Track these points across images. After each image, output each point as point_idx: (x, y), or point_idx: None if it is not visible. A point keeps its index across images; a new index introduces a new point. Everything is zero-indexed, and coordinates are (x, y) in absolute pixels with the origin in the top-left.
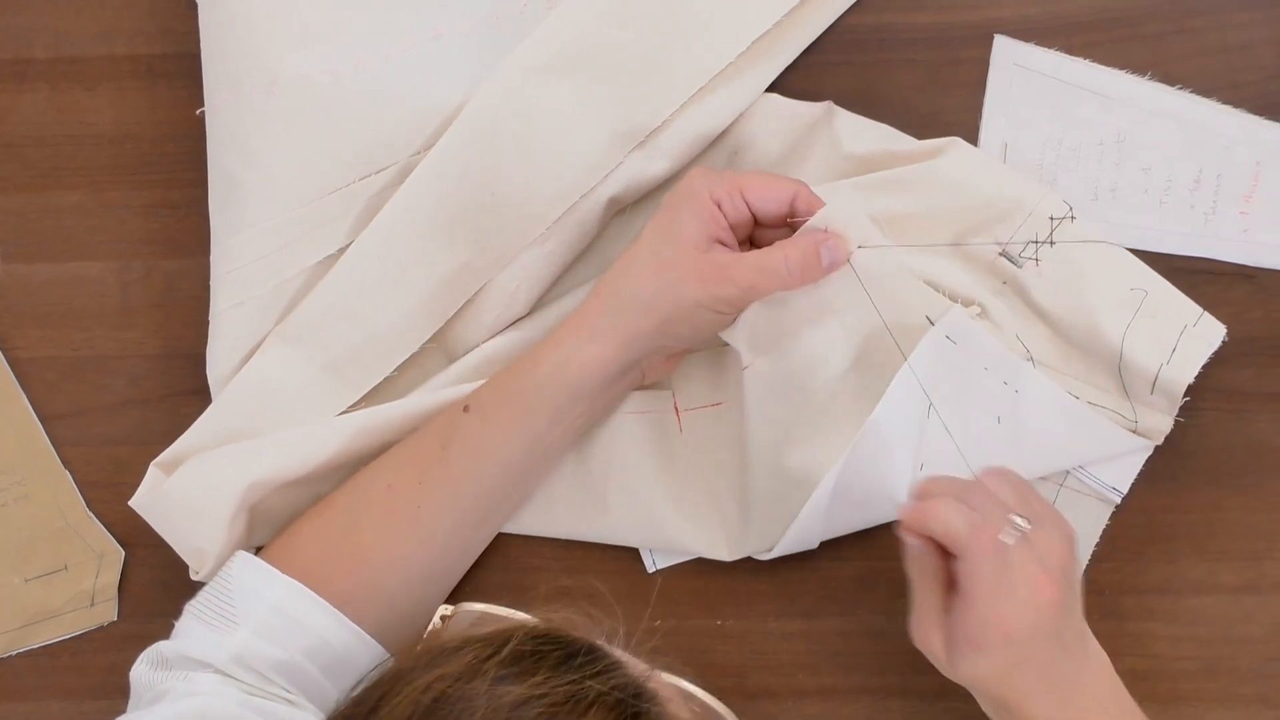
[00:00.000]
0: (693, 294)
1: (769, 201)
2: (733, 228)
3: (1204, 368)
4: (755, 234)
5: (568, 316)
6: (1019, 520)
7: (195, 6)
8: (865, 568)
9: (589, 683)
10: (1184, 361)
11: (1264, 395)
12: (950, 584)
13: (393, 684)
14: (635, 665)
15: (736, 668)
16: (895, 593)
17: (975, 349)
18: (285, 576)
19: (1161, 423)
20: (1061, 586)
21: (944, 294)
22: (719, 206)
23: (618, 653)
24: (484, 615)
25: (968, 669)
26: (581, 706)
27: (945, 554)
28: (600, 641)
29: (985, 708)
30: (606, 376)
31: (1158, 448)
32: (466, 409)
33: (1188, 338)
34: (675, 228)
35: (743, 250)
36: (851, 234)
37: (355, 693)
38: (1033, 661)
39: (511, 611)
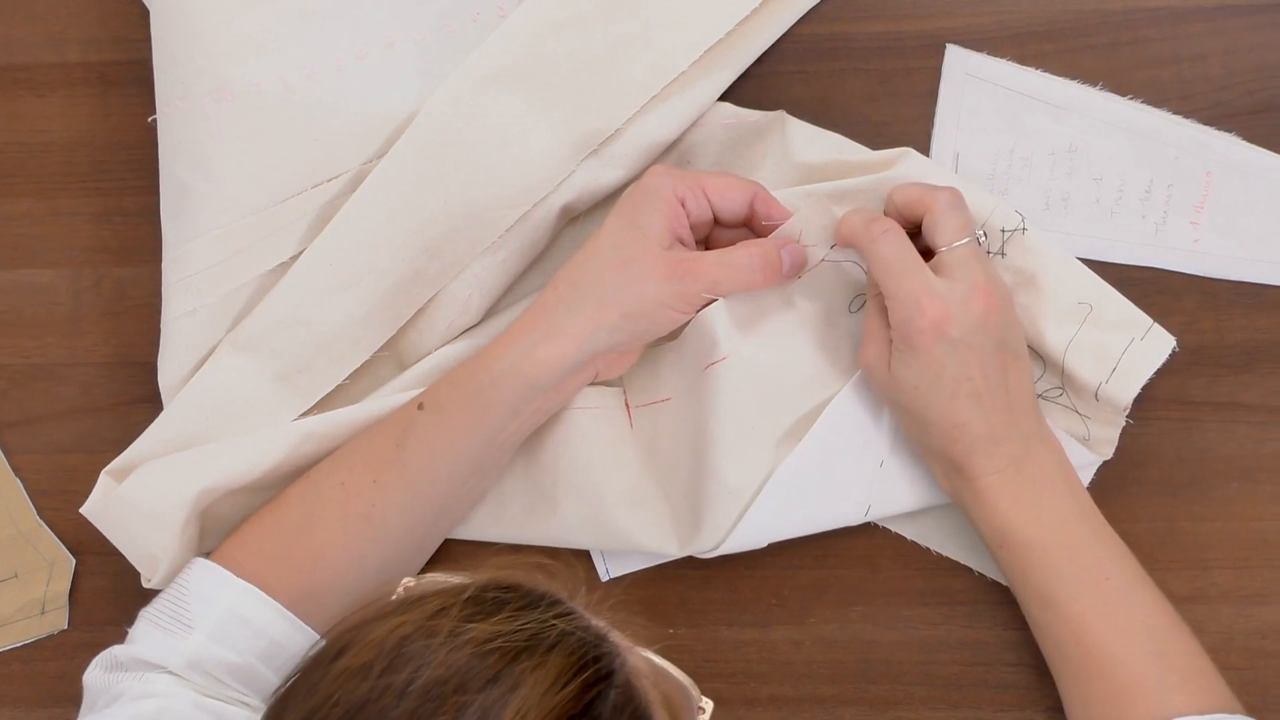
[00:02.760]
0: (654, 290)
1: (730, 201)
2: (693, 226)
3: (1155, 377)
4: (712, 236)
5: (524, 311)
6: (980, 234)
7: (148, 14)
8: (817, 576)
9: (553, 622)
10: (1128, 376)
11: (1214, 405)
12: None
13: (357, 632)
14: (596, 619)
15: (689, 676)
16: (847, 601)
17: None
18: (240, 580)
19: (1109, 433)
20: (996, 296)
21: None
22: (682, 204)
23: (579, 606)
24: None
25: (904, 371)
26: (544, 645)
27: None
28: (562, 594)
29: (941, 477)
30: (563, 371)
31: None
32: (421, 406)
33: (1135, 349)
34: (638, 223)
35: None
36: (826, 237)
37: (318, 645)
38: (976, 397)
39: (481, 576)
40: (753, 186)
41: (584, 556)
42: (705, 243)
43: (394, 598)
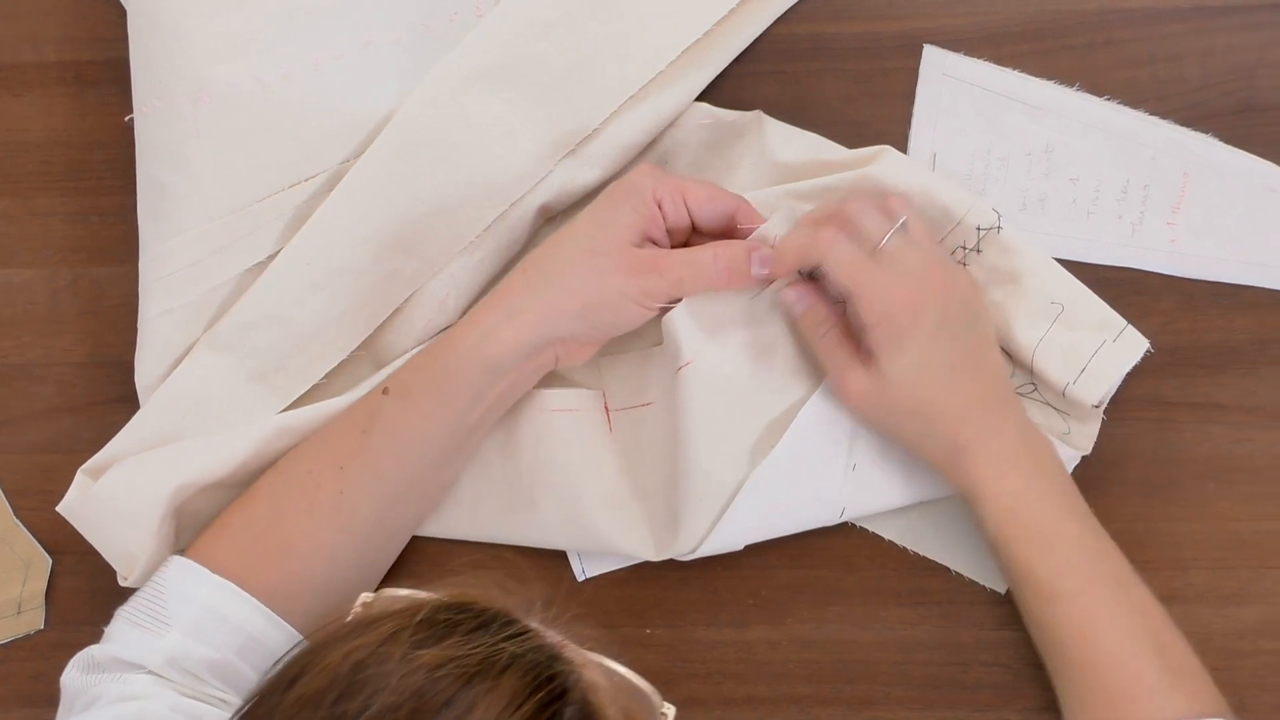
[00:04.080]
0: (618, 284)
1: (710, 210)
2: (670, 231)
3: (1132, 378)
4: (690, 242)
5: (488, 294)
6: (891, 226)
7: (125, 14)
8: (794, 576)
9: (504, 645)
10: (1098, 375)
11: (1190, 405)
12: (849, 335)
13: (311, 658)
14: (551, 634)
15: (665, 676)
16: (824, 601)
17: None
18: (216, 577)
19: (1088, 428)
20: (949, 270)
21: None
22: (660, 206)
23: (534, 623)
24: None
25: (896, 367)
26: (496, 669)
27: (832, 303)
28: (516, 612)
29: (950, 472)
30: (522, 353)
31: (1085, 457)
32: (386, 391)
33: (1106, 351)
34: (613, 218)
35: None
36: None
37: (273, 671)
38: (972, 376)
39: (435, 595)
40: (735, 200)
41: (559, 559)
42: (683, 247)
43: (349, 618)
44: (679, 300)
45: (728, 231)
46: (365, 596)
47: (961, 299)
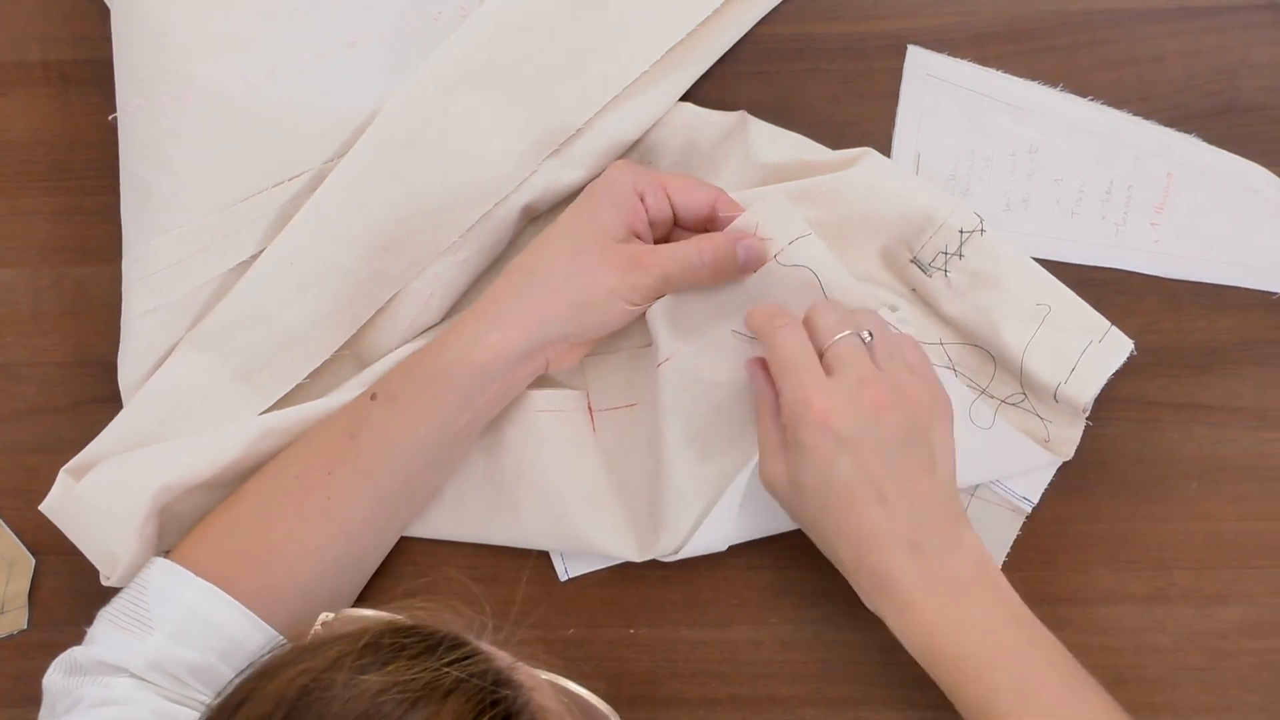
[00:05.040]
0: (605, 281)
1: (692, 201)
2: (652, 224)
3: (1115, 378)
4: (672, 236)
5: (476, 301)
6: (858, 333)
7: (109, 13)
8: (777, 576)
9: (448, 670)
10: (1085, 378)
11: (1174, 406)
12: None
13: (258, 681)
14: (500, 656)
15: (648, 676)
16: (807, 602)
17: None
18: (199, 580)
19: (1070, 434)
20: (893, 392)
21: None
22: (642, 199)
23: (483, 646)
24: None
25: (799, 473)
26: (439, 693)
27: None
28: (465, 634)
29: (863, 594)
30: (511, 359)
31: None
32: (374, 397)
33: (1092, 352)
34: (595, 215)
35: None
36: (782, 232)
37: (221, 694)
38: (881, 501)
39: (393, 616)
40: (715, 190)
41: (542, 559)
42: (665, 241)
43: (306, 640)
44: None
45: (708, 224)
46: (325, 615)
47: (909, 420)
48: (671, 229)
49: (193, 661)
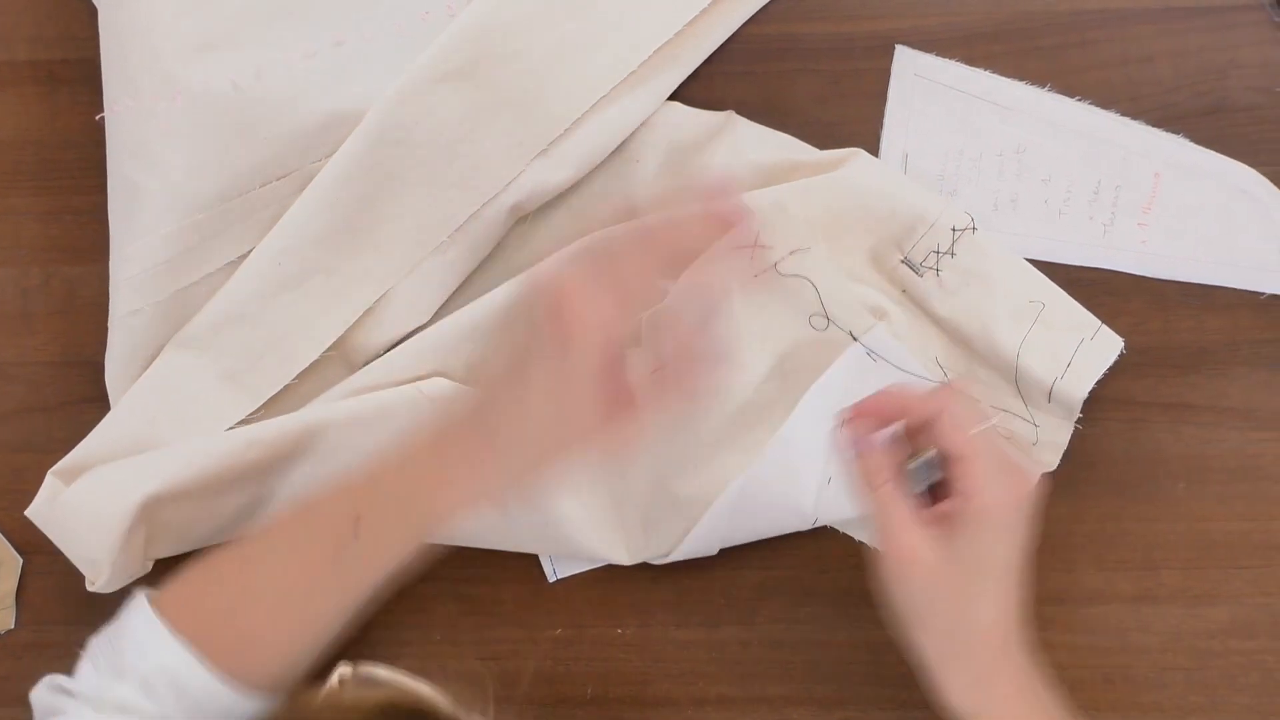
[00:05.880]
0: (595, 441)
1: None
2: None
3: (1103, 378)
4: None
5: (462, 452)
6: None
7: (96, 13)
8: (765, 576)
9: None
10: (1080, 374)
11: (1162, 405)
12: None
13: None
14: None
15: (637, 676)
16: (795, 602)
17: (894, 368)
18: (173, 639)
19: (1061, 430)
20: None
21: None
22: (609, 334)
23: None
24: (372, 678)
25: (978, 548)
26: None
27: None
28: (458, 713)
29: (958, 685)
30: (483, 507)
31: None
32: (359, 519)
33: (1084, 350)
34: (570, 375)
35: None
36: (783, 241)
37: None
38: (1019, 584)
39: (403, 679)
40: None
41: (530, 560)
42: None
43: (327, 687)
44: None
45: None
46: (343, 670)
47: (1027, 505)
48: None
49: (158, 715)
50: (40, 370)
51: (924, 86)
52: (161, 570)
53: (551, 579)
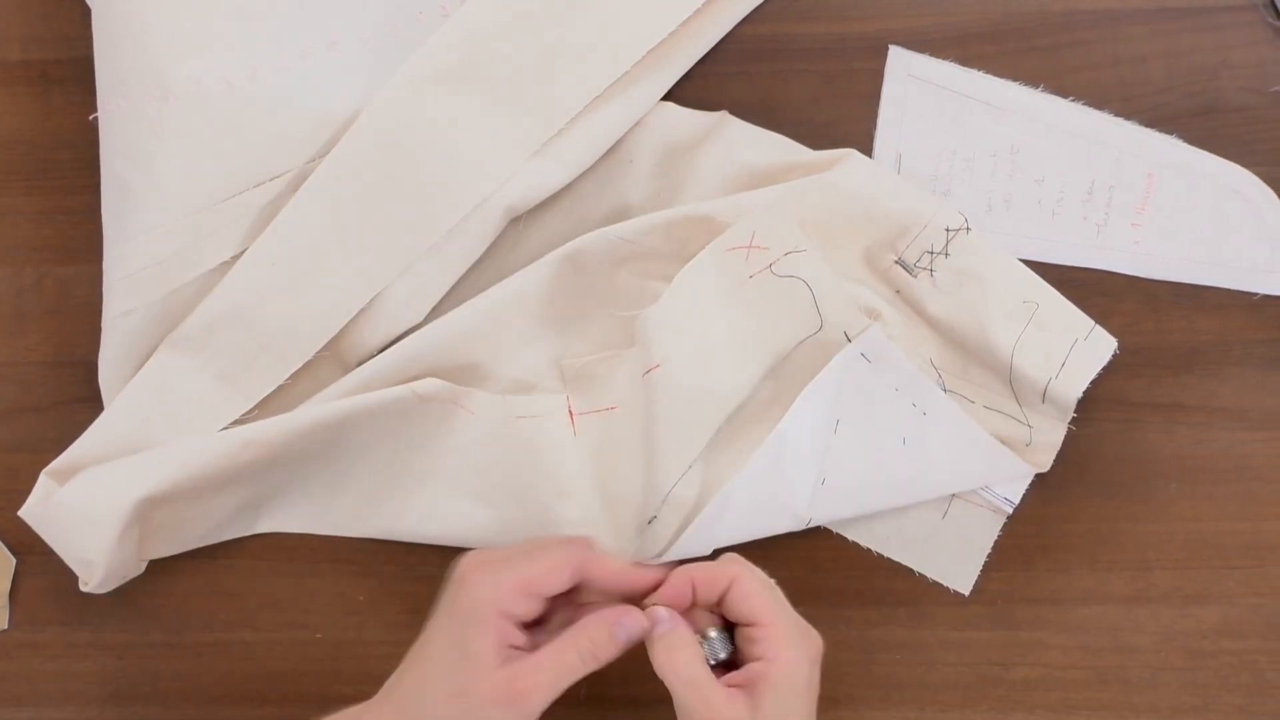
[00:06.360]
0: (496, 717)
1: (554, 586)
2: (541, 614)
3: (1095, 378)
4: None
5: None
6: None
7: (90, 13)
8: None
9: None
10: (1074, 374)
11: (1155, 406)
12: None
13: None
14: None
15: (629, 676)
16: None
17: (889, 369)
18: None
19: (1055, 431)
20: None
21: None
22: (507, 615)
23: None
24: None
25: (778, 708)
26: None
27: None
28: None
29: None
30: None
31: None
32: None
33: (1078, 351)
34: (465, 650)
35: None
36: (778, 243)
37: None
38: None
39: None
40: (573, 559)
41: None
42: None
43: None
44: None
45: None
46: None
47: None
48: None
49: None
50: (33, 370)
51: (917, 87)
52: (155, 570)
53: None
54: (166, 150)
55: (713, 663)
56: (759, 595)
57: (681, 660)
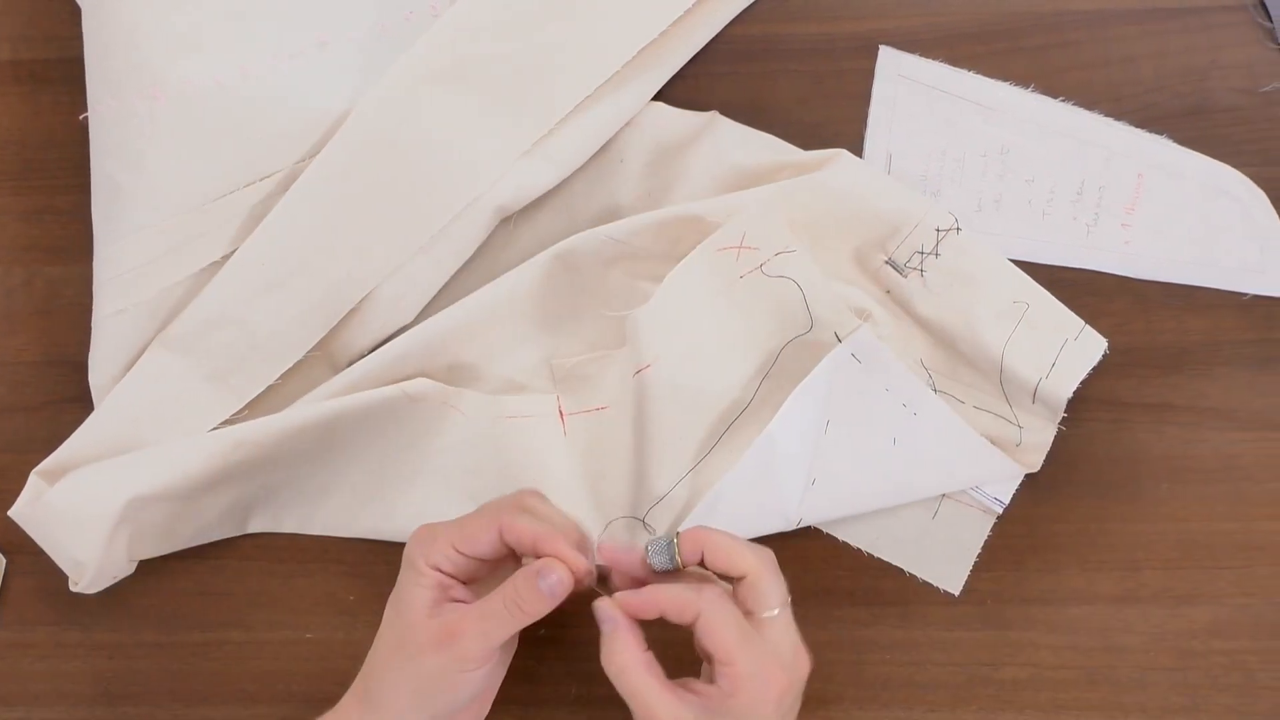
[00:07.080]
0: (430, 664)
1: (480, 544)
2: (475, 569)
3: (1085, 378)
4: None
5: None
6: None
7: (80, 12)
8: None
9: None
10: (1064, 374)
11: (1144, 406)
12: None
13: None
14: None
15: None
16: None
17: (879, 369)
18: None
19: (1045, 431)
20: (804, 655)
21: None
22: (438, 569)
23: None
24: None
25: None
26: None
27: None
28: None
29: None
30: None
31: None
32: None
33: (1068, 351)
34: (402, 601)
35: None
36: (768, 243)
37: None
38: None
39: None
40: (495, 520)
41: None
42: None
43: None
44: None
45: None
46: None
47: (802, 686)
48: (496, 563)
49: None
50: (22, 370)
51: (907, 87)
52: (145, 569)
53: None
54: (157, 150)
55: (659, 570)
56: (721, 632)
57: (619, 665)
